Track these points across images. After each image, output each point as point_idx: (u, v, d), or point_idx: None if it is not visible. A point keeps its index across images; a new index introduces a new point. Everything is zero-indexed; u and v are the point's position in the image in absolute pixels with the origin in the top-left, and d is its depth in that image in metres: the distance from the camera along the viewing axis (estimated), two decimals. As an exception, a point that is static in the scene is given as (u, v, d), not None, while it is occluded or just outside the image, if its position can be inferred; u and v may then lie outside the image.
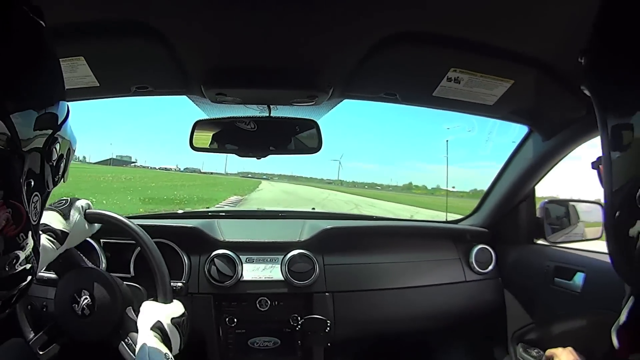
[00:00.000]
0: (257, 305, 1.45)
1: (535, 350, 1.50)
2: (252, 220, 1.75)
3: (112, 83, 1.16)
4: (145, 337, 0.97)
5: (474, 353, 1.54)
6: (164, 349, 0.96)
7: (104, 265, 1.40)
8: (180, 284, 1.24)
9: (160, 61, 1.03)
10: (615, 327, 0.47)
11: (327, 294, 1.48)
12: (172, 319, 1.03)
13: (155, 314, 1.02)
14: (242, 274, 1.44)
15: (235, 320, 1.44)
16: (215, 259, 1.44)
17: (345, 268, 1.52)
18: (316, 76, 1.10)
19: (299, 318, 1.45)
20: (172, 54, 0.98)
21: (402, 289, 1.53)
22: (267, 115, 1.28)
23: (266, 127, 1.27)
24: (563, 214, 1.60)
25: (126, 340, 1.07)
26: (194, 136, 1.27)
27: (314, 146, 1.26)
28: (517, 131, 1.49)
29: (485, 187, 1.70)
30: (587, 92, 0.47)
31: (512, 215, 1.63)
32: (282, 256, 1.47)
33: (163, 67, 1.06)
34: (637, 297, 0.44)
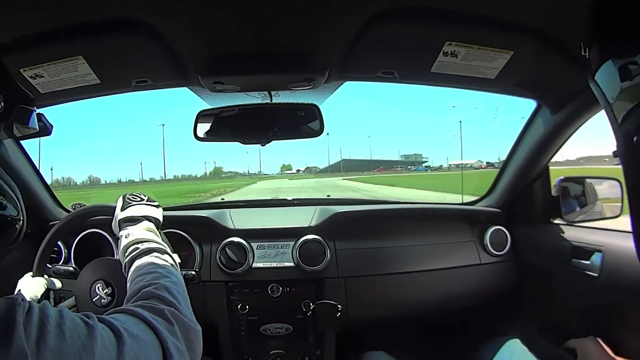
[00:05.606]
0: (269, 291, 1.46)
1: (553, 335, 1.45)
2: (264, 209, 1.77)
3: (113, 79, 1.20)
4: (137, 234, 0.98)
5: (490, 337, 1.49)
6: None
7: (118, 256, 1.45)
8: (192, 272, 1.28)
9: (156, 54, 1.06)
10: None
11: (338, 279, 1.47)
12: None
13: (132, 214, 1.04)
14: (253, 261, 1.47)
15: (248, 307, 1.46)
16: (226, 247, 1.46)
17: (357, 252, 1.52)
18: (311, 58, 1.11)
19: (310, 304, 1.45)
20: (167, 46, 1.02)
21: (414, 273, 1.51)
22: (269, 102, 1.30)
23: (268, 114, 1.30)
24: (580, 192, 1.54)
25: None
26: (197, 127, 1.30)
27: (316, 129, 1.27)
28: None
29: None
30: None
31: (527, 194, 1.58)
32: (293, 242, 1.48)
33: (159, 60, 1.10)
34: None
